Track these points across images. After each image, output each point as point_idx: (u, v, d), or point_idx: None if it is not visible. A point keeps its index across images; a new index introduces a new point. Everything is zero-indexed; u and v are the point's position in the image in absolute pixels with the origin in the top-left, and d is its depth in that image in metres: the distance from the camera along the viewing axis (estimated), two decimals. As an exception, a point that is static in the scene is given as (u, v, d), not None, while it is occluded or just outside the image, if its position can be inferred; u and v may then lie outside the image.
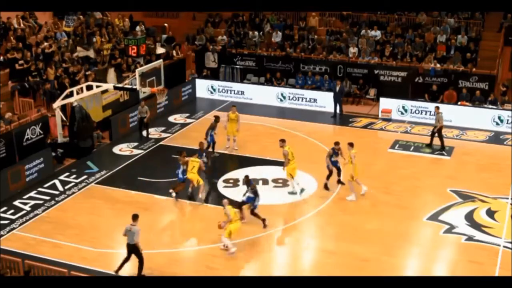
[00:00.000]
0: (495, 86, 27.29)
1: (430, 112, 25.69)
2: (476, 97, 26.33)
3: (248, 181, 17.44)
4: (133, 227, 14.61)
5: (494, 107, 25.62)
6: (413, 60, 28.76)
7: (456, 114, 25.53)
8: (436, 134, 22.88)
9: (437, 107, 23.37)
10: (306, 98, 27.91)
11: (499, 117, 24.98)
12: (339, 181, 19.72)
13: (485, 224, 17.52)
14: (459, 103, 26.24)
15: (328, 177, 19.50)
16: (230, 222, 15.66)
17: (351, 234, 16.97)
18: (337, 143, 19.31)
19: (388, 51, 29.30)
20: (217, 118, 21.83)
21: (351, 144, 18.91)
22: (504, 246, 16.36)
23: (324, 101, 27.38)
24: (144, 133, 23.97)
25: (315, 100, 27.71)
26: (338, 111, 26.70)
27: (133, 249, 14.69)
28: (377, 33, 30.46)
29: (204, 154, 20.66)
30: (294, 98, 28.06)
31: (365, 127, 25.50)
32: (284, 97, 28.18)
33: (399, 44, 29.66)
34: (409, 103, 26.32)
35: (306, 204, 18.76)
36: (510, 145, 23.45)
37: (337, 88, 26.57)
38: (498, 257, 15.88)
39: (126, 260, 14.87)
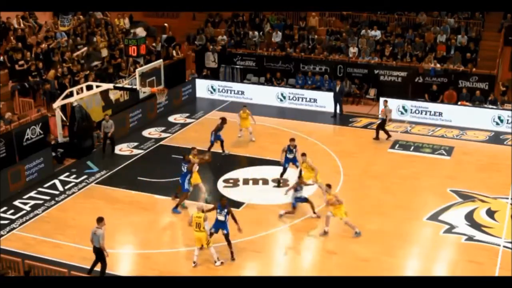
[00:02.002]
0: (495, 86, 27.30)
1: (430, 112, 25.74)
2: (476, 97, 26.34)
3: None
4: (97, 230, 14.43)
5: (494, 107, 25.63)
6: (413, 60, 28.76)
7: (456, 114, 25.56)
8: (380, 127, 23.51)
9: (386, 101, 23.99)
10: (306, 98, 27.91)
11: (499, 117, 24.97)
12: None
13: (485, 224, 17.53)
14: (459, 103, 26.26)
15: (281, 174, 19.68)
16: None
17: (351, 234, 16.96)
18: (292, 140, 19.52)
19: (388, 51, 29.30)
20: (223, 120, 21.70)
21: (303, 154, 18.71)
22: (504, 246, 16.37)
23: (324, 101, 27.38)
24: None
25: (315, 100, 27.71)
26: (338, 111, 26.71)
27: (97, 252, 14.56)
28: (377, 33, 30.46)
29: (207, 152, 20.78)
30: (294, 98, 28.05)
31: (365, 127, 25.50)
32: (284, 97, 28.17)
33: (399, 44, 29.66)
34: (409, 103, 26.33)
35: (306, 204, 18.74)
36: (510, 145, 23.45)
37: (337, 88, 26.58)
38: (498, 257, 15.88)
39: (94, 263, 14.77)
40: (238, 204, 18.50)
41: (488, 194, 19.24)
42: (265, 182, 20.08)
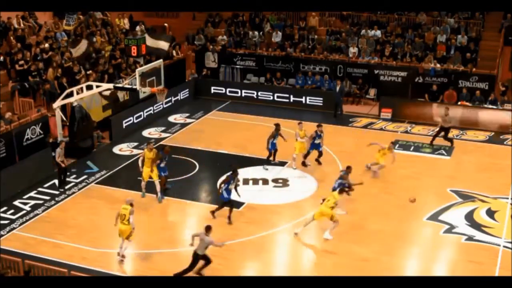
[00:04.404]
0: (495, 86, 27.30)
1: (430, 112, 25.75)
2: (476, 97, 26.33)
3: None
4: (206, 237, 14.38)
5: (494, 107, 25.63)
6: (413, 60, 28.77)
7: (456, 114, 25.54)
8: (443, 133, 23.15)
9: (447, 108, 23.55)
10: (306, 98, 27.89)
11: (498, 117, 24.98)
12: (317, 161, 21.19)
13: (485, 224, 17.53)
14: (459, 103, 26.25)
15: (305, 156, 20.93)
16: None
17: (351, 234, 16.97)
18: (319, 125, 20.81)
19: (388, 51, 29.30)
20: (277, 126, 21.21)
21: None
22: (504, 246, 16.37)
23: (324, 101, 27.37)
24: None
25: (315, 100, 27.71)
26: (338, 111, 26.70)
27: (195, 257, 14.52)
28: (377, 33, 30.47)
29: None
30: (294, 98, 28.02)
31: (365, 127, 25.50)
32: (284, 97, 28.14)
33: (399, 44, 29.66)
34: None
35: (306, 204, 18.77)
36: (510, 145, 23.46)
37: (337, 88, 26.59)
38: (498, 257, 15.89)
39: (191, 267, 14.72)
40: (238, 204, 18.47)
41: (488, 194, 19.24)
42: (265, 182, 20.08)
